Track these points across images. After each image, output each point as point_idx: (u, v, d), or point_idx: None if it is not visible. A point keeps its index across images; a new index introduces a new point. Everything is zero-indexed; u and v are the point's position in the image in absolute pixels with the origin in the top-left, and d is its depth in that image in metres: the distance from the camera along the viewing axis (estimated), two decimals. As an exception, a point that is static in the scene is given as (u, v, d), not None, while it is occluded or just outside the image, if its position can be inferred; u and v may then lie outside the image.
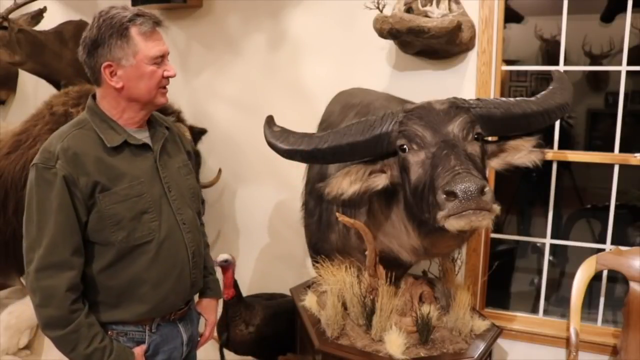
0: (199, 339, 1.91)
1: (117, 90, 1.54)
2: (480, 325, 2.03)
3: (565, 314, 2.63)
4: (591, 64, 3.71)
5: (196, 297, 1.90)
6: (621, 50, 2.38)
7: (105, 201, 1.50)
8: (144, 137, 1.63)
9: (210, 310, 1.95)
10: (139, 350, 1.60)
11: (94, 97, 1.62)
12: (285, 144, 1.91)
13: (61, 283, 1.45)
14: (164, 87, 1.61)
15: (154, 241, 1.57)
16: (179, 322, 1.73)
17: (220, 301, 2.11)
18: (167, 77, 1.60)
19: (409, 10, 2.34)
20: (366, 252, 1.95)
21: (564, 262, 3.51)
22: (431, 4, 2.30)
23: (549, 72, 2.21)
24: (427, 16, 2.26)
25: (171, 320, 1.69)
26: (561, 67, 2.40)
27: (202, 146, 3.00)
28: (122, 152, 1.56)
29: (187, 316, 1.78)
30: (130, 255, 1.55)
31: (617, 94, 2.38)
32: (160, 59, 1.57)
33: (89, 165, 1.49)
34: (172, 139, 1.76)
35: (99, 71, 1.52)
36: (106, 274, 1.55)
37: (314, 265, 2.26)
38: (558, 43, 2.47)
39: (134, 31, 1.50)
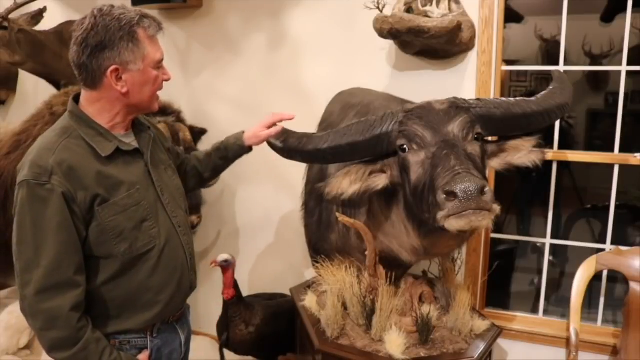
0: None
1: (122, 95, 1.47)
2: (480, 325, 2.03)
3: (565, 314, 2.63)
4: (591, 64, 3.71)
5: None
6: (621, 50, 2.38)
7: (105, 213, 1.44)
8: (131, 141, 1.58)
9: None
10: (142, 357, 1.57)
11: (74, 99, 1.53)
12: (285, 144, 1.92)
13: (65, 303, 1.38)
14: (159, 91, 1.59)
15: (155, 248, 1.54)
16: (177, 324, 1.71)
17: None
18: (163, 81, 1.58)
19: (409, 10, 2.34)
20: (366, 252, 1.95)
21: (564, 262, 3.51)
22: (431, 4, 2.30)
23: (549, 72, 2.21)
24: (427, 16, 2.26)
25: (169, 323, 1.67)
26: (561, 67, 2.40)
27: (202, 146, 2.99)
28: (115, 160, 1.49)
29: (184, 317, 1.76)
30: (133, 265, 1.51)
31: (617, 94, 2.38)
32: (162, 62, 1.55)
33: (85, 178, 1.42)
34: (155, 140, 1.70)
35: (102, 74, 1.44)
36: (109, 286, 1.50)
37: (314, 265, 2.26)
38: (558, 43, 2.47)
39: (141, 34, 1.45)
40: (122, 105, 1.51)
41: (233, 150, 1.97)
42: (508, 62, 2.98)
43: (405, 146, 1.67)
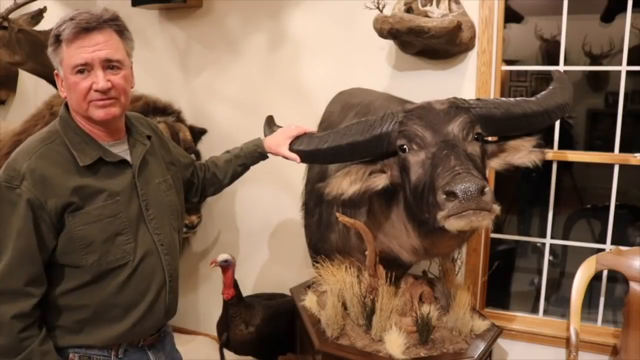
0: None
1: (65, 98, 1.46)
2: (480, 325, 2.03)
3: (565, 314, 2.63)
4: (591, 64, 3.72)
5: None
6: (621, 50, 2.38)
7: (75, 222, 1.38)
8: (121, 150, 1.51)
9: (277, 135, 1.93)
10: None
11: (67, 105, 1.49)
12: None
13: (8, 311, 1.33)
14: (100, 100, 1.41)
15: (128, 264, 1.46)
16: (149, 350, 1.59)
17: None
18: (97, 91, 1.39)
19: (409, 10, 2.34)
20: (366, 252, 1.95)
21: (564, 262, 3.51)
22: (431, 4, 2.30)
23: (549, 72, 2.21)
24: (427, 16, 2.26)
25: (139, 347, 1.56)
26: (561, 67, 2.40)
27: (202, 146, 2.99)
28: (96, 169, 1.43)
29: (159, 344, 1.63)
30: (102, 278, 1.44)
31: (617, 94, 2.38)
32: (85, 67, 1.39)
33: (59, 187, 1.36)
34: (153, 151, 1.61)
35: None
36: (73, 296, 1.43)
37: (314, 265, 2.26)
38: (558, 43, 2.47)
39: (62, 37, 1.39)
40: (75, 110, 1.46)
41: (253, 158, 1.97)
42: (508, 62, 2.98)
43: (405, 146, 1.66)
